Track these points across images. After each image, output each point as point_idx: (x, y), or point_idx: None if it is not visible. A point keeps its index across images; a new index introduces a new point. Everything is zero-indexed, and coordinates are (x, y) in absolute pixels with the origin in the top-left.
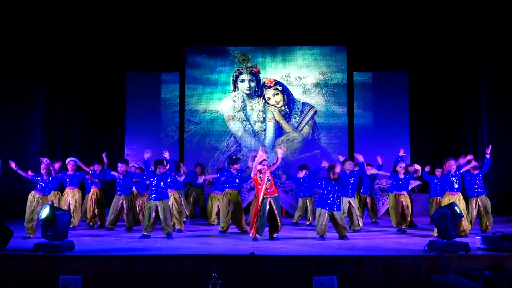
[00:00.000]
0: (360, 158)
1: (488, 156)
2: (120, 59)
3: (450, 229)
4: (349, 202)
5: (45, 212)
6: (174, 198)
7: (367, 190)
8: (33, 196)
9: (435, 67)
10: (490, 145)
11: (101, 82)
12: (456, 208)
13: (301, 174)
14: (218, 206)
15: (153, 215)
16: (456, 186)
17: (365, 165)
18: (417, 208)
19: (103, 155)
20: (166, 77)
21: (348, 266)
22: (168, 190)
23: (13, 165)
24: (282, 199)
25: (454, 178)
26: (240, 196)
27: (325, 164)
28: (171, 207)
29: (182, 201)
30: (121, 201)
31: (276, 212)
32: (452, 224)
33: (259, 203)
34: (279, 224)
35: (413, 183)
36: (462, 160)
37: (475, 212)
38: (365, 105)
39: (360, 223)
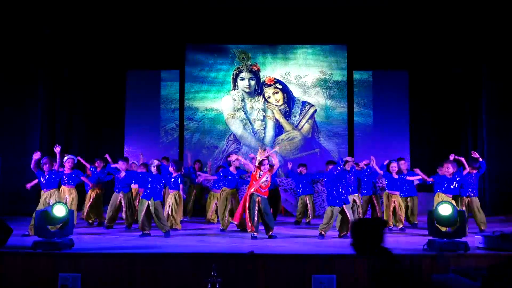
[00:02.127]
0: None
1: (480, 159)
2: (120, 57)
3: (434, 229)
4: (354, 200)
5: (61, 211)
6: (175, 198)
7: (369, 190)
8: (43, 196)
9: (436, 66)
10: (473, 151)
11: (101, 80)
12: (440, 208)
13: (302, 171)
14: (216, 204)
15: (143, 213)
16: (452, 187)
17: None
18: (417, 208)
19: (106, 156)
20: (166, 75)
21: (348, 265)
22: (170, 190)
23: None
24: (282, 197)
25: (451, 182)
26: (239, 195)
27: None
28: (170, 207)
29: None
30: (119, 198)
31: (263, 211)
32: (440, 224)
33: (247, 196)
34: (269, 223)
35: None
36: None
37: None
38: (365, 104)
39: None
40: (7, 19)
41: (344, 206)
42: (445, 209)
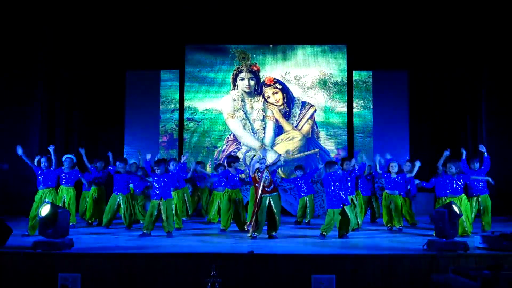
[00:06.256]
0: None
1: (486, 153)
2: (120, 57)
3: (448, 228)
4: (352, 199)
5: (45, 210)
6: (178, 197)
7: (368, 190)
8: (38, 194)
9: (436, 67)
10: (481, 145)
11: (101, 80)
12: (454, 207)
13: (298, 174)
14: (218, 203)
15: (155, 214)
16: (458, 187)
17: (366, 165)
18: (417, 208)
19: (109, 154)
20: (166, 75)
21: (347, 265)
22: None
23: (19, 151)
24: (281, 197)
25: (455, 180)
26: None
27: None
28: (173, 206)
29: (186, 199)
30: (118, 200)
31: (274, 211)
32: (450, 223)
33: (258, 201)
34: (277, 223)
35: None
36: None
37: (474, 211)
38: (365, 104)
39: (359, 221)
40: (7, 19)
41: (344, 206)
42: (458, 207)
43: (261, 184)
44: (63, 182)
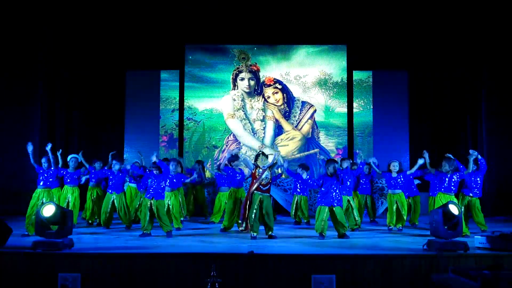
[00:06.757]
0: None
1: (479, 156)
2: (120, 57)
3: (441, 229)
4: (348, 200)
5: (49, 210)
6: (175, 197)
7: (367, 189)
8: (36, 192)
9: (436, 67)
10: (471, 150)
11: (101, 80)
12: (451, 206)
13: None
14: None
15: (148, 213)
16: (449, 186)
17: (365, 164)
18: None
19: (110, 155)
20: (166, 75)
21: (347, 265)
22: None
23: (30, 148)
24: (281, 197)
25: (448, 178)
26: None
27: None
28: (171, 206)
29: (180, 200)
30: (112, 199)
31: (263, 211)
32: (445, 224)
33: (249, 196)
34: (268, 223)
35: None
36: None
37: (462, 210)
38: (365, 104)
39: (357, 221)
40: (7, 19)
41: (333, 206)
42: (454, 209)
43: (258, 181)
44: (68, 181)
